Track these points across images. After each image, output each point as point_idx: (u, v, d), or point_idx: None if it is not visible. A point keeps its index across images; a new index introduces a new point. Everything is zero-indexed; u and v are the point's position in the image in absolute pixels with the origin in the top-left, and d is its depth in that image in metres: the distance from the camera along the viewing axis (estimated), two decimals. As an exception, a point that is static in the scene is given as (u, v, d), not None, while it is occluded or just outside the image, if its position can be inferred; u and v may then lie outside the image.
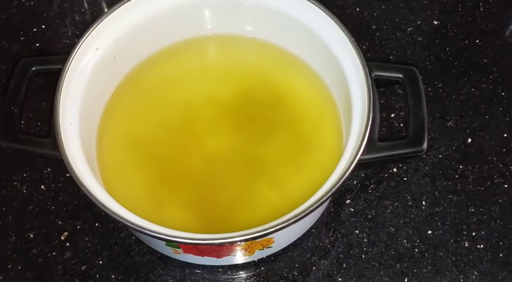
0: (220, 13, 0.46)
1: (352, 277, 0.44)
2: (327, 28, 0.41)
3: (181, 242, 0.33)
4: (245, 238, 0.33)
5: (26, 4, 0.57)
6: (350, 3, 0.57)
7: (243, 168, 0.43)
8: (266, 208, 0.41)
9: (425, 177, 0.48)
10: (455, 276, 0.44)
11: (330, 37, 0.41)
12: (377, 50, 0.55)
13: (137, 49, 0.46)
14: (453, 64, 0.54)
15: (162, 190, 0.42)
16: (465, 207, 0.47)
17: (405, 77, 0.41)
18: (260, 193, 0.41)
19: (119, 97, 0.45)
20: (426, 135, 0.38)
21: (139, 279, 0.44)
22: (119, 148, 0.43)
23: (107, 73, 0.44)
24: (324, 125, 0.44)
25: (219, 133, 0.44)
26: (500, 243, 0.46)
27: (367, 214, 0.47)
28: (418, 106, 0.40)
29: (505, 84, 0.53)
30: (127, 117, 0.45)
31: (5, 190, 0.47)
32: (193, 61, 0.48)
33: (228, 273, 0.44)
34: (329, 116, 0.44)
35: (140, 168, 0.42)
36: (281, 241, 0.43)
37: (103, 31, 0.41)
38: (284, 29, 0.45)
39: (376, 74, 0.40)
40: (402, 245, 0.45)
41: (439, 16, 0.57)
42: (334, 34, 0.41)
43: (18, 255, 0.45)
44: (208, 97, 0.46)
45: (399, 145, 0.38)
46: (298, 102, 0.45)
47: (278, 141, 0.44)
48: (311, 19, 0.42)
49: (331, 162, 0.39)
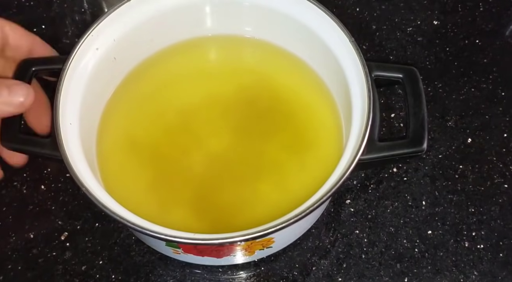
0: (220, 14, 0.46)
1: (352, 277, 0.44)
2: (327, 28, 0.41)
3: (181, 242, 0.33)
4: (245, 238, 0.33)
5: (26, 4, 0.57)
6: (350, 3, 0.57)
7: (244, 167, 0.43)
8: (267, 207, 0.41)
9: (425, 177, 0.48)
10: (455, 276, 0.44)
11: (330, 37, 0.41)
12: (377, 50, 0.55)
13: (137, 49, 0.46)
14: (453, 64, 0.54)
15: (162, 190, 0.42)
16: (465, 207, 0.47)
17: (405, 77, 0.41)
18: (260, 193, 0.41)
19: (119, 97, 0.45)
20: (426, 135, 0.38)
21: (139, 279, 0.44)
22: (119, 148, 0.43)
23: (107, 73, 0.43)
24: (324, 125, 0.44)
25: (220, 133, 0.44)
26: (500, 243, 0.46)
27: (367, 214, 0.47)
28: (418, 106, 0.39)
29: (505, 84, 0.53)
30: (127, 117, 0.45)
31: (5, 190, 0.47)
32: (193, 62, 0.48)
33: (228, 273, 0.44)
34: (329, 116, 0.44)
35: (140, 167, 0.42)
36: (281, 241, 0.43)
37: (103, 31, 0.41)
38: (284, 29, 0.45)
39: (376, 74, 0.40)
40: (402, 245, 0.45)
41: (439, 16, 0.57)
42: (334, 34, 0.41)
43: (18, 255, 0.45)
44: (208, 97, 0.46)
45: (399, 145, 0.38)
46: (298, 102, 0.45)
47: (278, 140, 0.44)
48: (311, 19, 0.42)
49: (331, 161, 0.39)
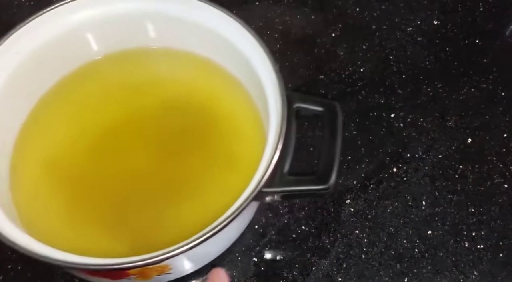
0: (160, 28, 0.45)
1: (352, 277, 0.44)
2: (257, 56, 0.40)
3: (57, 264, 0.32)
4: (119, 266, 0.31)
5: (26, 4, 0.57)
6: (350, 3, 0.57)
7: (164, 187, 0.41)
8: (186, 227, 0.38)
9: (425, 177, 0.48)
10: (455, 276, 0.44)
11: (258, 64, 0.40)
12: (377, 50, 0.55)
13: (64, 61, 0.44)
14: (453, 64, 0.54)
15: (78, 213, 0.39)
16: (465, 207, 0.47)
17: (326, 111, 0.40)
18: (180, 211, 0.40)
19: (38, 114, 0.43)
20: (335, 174, 0.37)
21: (139, 279, 0.44)
22: (35, 174, 0.40)
23: (25, 87, 0.41)
24: (251, 140, 0.42)
25: (141, 150, 0.42)
26: (500, 243, 0.46)
27: (367, 214, 0.47)
28: (332, 143, 0.39)
29: (505, 84, 0.53)
30: (45, 139, 0.42)
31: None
32: (120, 76, 0.45)
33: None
34: (256, 134, 0.42)
35: (57, 192, 0.40)
36: (180, 269, 0.41)
37: (17, 44, 0.39)
38: (218, 47, 0.44)
39: (298, 105, 0.39)
40: (402, 245, 0.45)
41: (439, 16, 0.57)
42: (262, 64, 0.40)
43: (18, 255, 0.44)
44: (130, 113, 0.44)
45: (305, 181, 0.37)
46: (224, 116, 0.44)
47: (201, 155, 0.42)
48: (245, 46, 0.41)
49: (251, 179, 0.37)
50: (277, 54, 0.54)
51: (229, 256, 0.44)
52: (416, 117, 0.51)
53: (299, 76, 0.53)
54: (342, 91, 0.52)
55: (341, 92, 0.52)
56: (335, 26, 0.56)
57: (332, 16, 0.56)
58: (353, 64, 0.54)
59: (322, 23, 0.56)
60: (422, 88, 0.53)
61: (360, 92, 0.52)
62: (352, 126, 0.51)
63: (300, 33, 0.55)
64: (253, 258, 0.45)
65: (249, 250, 0.45)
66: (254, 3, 0.57)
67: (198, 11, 0.42)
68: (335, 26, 0.56)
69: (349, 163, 0.49)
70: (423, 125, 0.51)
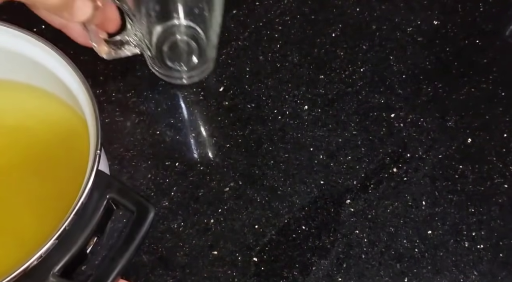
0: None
1: (352, 277, 0.44)
2: (83, 102, 0.37)
3: None
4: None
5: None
6: (350, 3, 0.57)
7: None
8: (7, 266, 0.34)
9: (425, 177, 0.48)
10: (455, 276, 0.44)
11: (85, 111, 0.37)
12: (377, 50, 0.55)
13: None
14: (453, 64, 0.54)
15: None
16: (465, 207, 0.47)
17: (137, 213, 0.36)
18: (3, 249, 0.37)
19: None
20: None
21: (139, 279, 0.44)
22: None
23: None
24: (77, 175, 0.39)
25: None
26: (500, 243, 0.46)
27: (367, 214, 0.47)
28: (125, 246, 0.34)
29: (505, 84, 0.53)
30: None
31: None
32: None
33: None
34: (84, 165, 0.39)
35: None
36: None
37: None
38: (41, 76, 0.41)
39: (112, 196, 0.35)
40: (402, 245, 0.45)
41: (439, 16, 0.57)
42: (90, 116, 0.36)
43: (18, 255, 0.45)
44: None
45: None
46: (55, 145, 0.41)
47: (29, 188, 0.40)
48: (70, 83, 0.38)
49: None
50: (277, 55, 0.54)
51: (229, 256, 0.44)
52: (416, 117, 0.51)
53: (299, 76, 0.53)
54: (342, 91, 0.52)
55: (341, 92, 0.52)
56: (335, 26, 0.56)
57: (332, 16, 0.56)
58: (353, 64, 0.54)
59: (322, 23, 0.56)
60: (422, 88, 0.53)
61: (360, 92, 0.52)
62: (352, 126, 0.51)
63: (300, 33, 0.55)
64: (253, 258, 0.45)
65: (249, 250, 0.45)
66: (254, 3, 0.57)
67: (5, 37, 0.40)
68: (335, 26, 0.56)
69: (349, 163, 0.49)
70: (423, 125, 0.51)
